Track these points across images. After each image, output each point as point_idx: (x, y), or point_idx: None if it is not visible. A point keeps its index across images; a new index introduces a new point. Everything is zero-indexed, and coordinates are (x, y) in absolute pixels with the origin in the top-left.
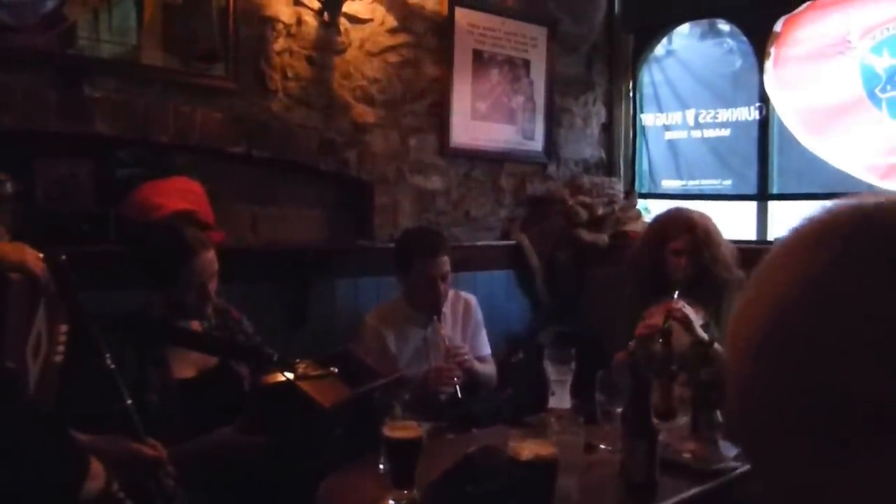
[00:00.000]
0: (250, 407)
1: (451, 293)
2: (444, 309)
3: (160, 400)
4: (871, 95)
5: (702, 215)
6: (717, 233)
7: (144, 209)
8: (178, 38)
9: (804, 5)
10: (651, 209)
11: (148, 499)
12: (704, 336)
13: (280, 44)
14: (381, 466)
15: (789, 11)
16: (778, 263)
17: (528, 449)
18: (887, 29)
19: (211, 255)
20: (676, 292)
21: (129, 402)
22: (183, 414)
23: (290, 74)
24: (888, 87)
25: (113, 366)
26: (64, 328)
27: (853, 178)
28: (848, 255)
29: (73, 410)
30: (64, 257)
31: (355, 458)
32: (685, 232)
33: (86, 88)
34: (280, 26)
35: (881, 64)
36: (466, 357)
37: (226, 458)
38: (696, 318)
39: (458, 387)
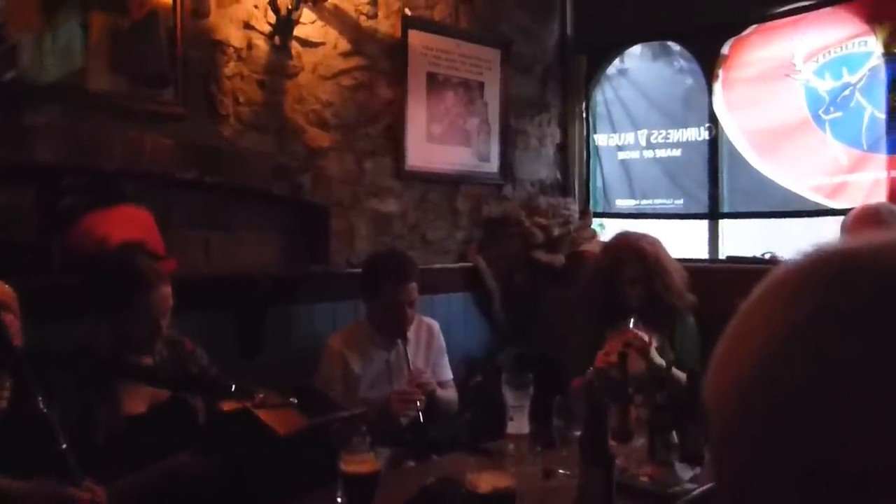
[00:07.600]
0: (205, 433)
1: (414, 318)
2: (408, 333)
3: (107, 438)
4: (816, 117)
5: (651, 242)
6: (668, 259)
7: (89, 240)
8: (126, 61)
9: (751, 28)
10: (606, 227)
11: None
12: (661, 361)
13: (231, 68)
14: (339, 500)
15: (737, 34)
16: (759, 312)
17: (486, 481)
18: (829, 53)
19: (167, 290)
20: (633, 319)
21: (64, 445)
22: (134, 450)
23: (241, 99)
24: (831, 109)
25: (45, 409)
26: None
27: (801, 196)
28: (828, 306)
29: (6, 455)
30: None
31: (313, 489)
32: (637, 261)
33: (28, 114)
34: (230, 50)
35: (824, 87)
36: (430, 382)
37: (178, 486)
38: (652, 343)
39: (420, 411)
